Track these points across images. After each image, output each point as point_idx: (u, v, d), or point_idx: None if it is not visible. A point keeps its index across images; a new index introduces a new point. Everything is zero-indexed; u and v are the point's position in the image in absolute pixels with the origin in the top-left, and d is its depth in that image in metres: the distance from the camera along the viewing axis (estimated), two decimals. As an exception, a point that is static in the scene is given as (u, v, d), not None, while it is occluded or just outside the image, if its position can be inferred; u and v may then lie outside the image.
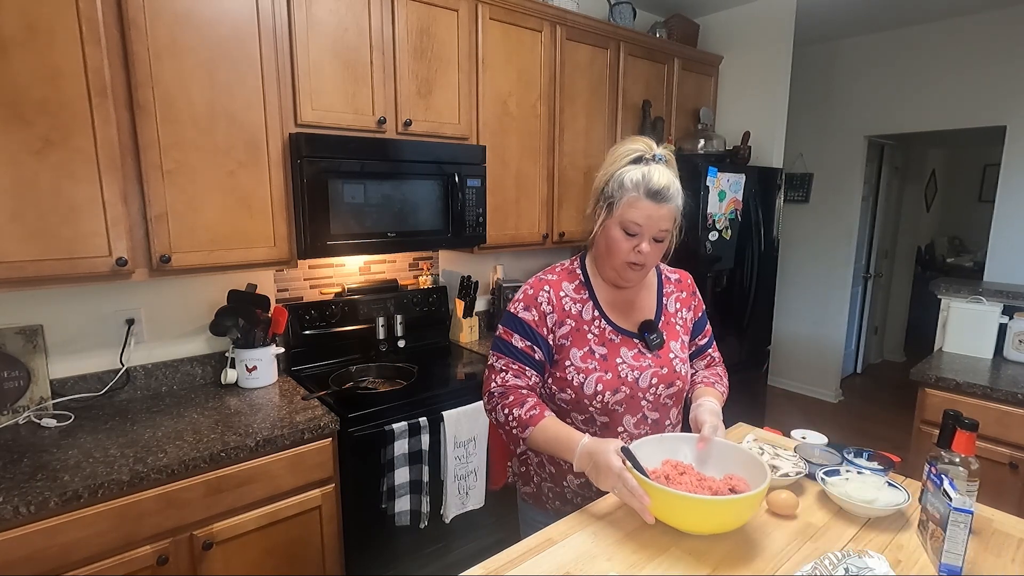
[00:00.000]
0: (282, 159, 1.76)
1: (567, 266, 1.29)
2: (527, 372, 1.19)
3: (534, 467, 1.31)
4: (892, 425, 3.92)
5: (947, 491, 0.93)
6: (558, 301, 1.21)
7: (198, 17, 1.56)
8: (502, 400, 1.18)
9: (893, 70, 3.85)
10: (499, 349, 1.22)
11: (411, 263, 2.51)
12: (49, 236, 1.40)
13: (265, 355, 1.92)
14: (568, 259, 1.32)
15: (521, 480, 1.36)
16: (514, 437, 1.17)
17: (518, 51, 2.31)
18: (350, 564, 1.77)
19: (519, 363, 1.19)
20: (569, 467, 1.21)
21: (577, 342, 1.20)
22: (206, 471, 1.46)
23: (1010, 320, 2.38)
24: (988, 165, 5.90)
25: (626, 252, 1.16)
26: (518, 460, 1.36)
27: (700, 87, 3.24)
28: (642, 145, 1.18)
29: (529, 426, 1.13)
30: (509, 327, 1.21)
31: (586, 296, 1.24)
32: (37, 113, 1.35)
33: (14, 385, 1.63)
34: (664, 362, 1.24)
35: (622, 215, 1.14)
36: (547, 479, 1.29)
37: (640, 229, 1.14)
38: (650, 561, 0.96)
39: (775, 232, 3.14)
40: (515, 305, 1.23)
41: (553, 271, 1.28)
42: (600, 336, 1.21)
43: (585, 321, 1.22)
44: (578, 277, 1.26)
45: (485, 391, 1.22)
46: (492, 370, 1.22)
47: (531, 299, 1.21)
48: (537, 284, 1.24)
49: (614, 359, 1.20)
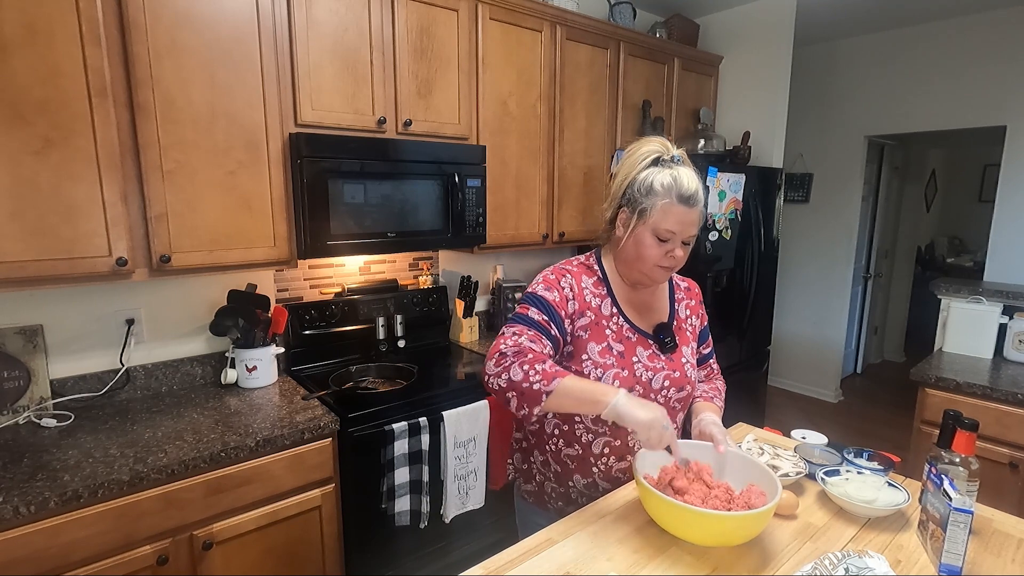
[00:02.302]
0: (282, 159, 1.76)
1: (583, 261, 1.27)
2: (543, 340, 1.12)
3: (538, 465, 1.29)
4: (892, 425, 3.92)
5: (947, 491, 0.93)
6: (580, 291, 1.19)
7: (198, 17, 1.56)
8: (518, 358, 1.06)
9: (893, 70, 3.85)
10: (512, 320, 1.15)
11: (411, 263, 2.51)
12: (49, 236, 1.40)
13: (265, 355, 1.92)
14: (580, 255, 1.30)
15: (522, 477, 1.34)
16: (533, 394, 1.03)
17: (518, 51, 2.31)
18: (350, 564, 1.77)
19: (535, 330, 1.12)
20: (576, 466, 1.22)
21: (595, 336, 1.18)
22: (206, 471, 1.45)
23: (1010, 320, 2.38)
24: (988, 165, 5.90)
25: (658, 257, 1.15)
26: (520, 455, 1.35)
27: (700, 87, 3.24)
28: (659, 146, 1.17)
29: (557, 377, 1.03)
30: (527, 303, 1.17)
31: (604, 292, 1.22)
32: (37, 113, 1.35)
33: (14, 385, 1.63)
34: (676, 366, 1.24)
35: (656, 223, 1.13)
36: (551, 478, 1.27)
37: (673, 236, 1.14)
38: (650, 561, 0.96)
39: (775, 232, 3.14)
40: (535, 286, 1.19)
41: (571, 264, 1.25)
42: (618, 333, 1.20)
43: (604, 316, 1.20)
44: (596, 273, 1.24)
45: (493, 353, 1.09)
46: (502, 336, 1.12)
47: (553, 282, 1.18)
48: (558, 271, 1.21)
49: (631, 357, 1.19)
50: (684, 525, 0.97)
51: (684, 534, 0.98)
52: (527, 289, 1.21)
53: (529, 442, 1.31)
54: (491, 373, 1.08)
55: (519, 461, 1.35)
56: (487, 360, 1.10)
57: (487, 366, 1.09)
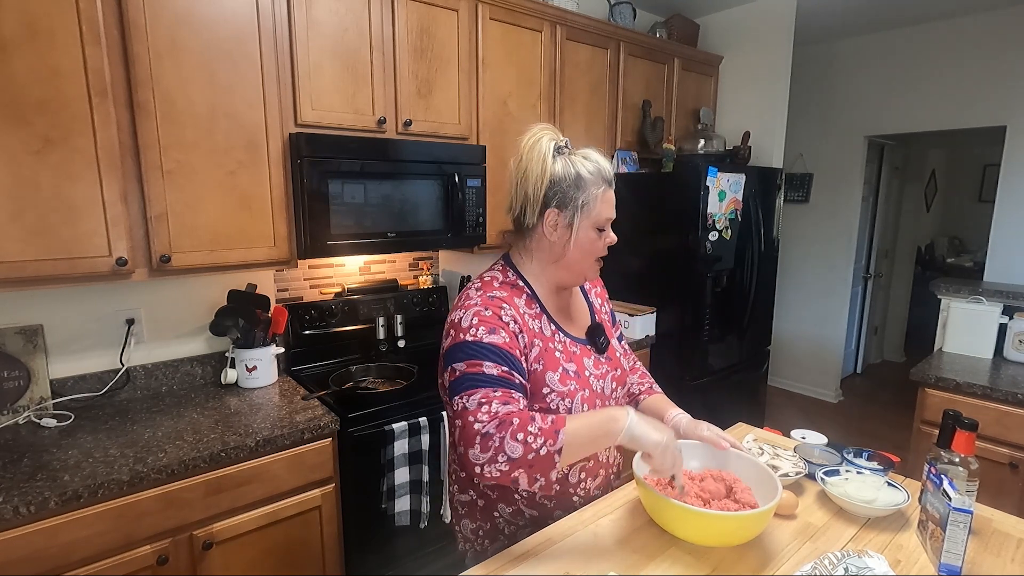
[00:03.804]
0: (282, 159, 1.76)
1: (505, 280, 1.09)
2: (513, 395, 0.94)
3: (505, 518, 1.12)
4: (892, 425, 3.92)
5: (947, 491, 0.93)
6: (522, 320, 1.03)
7: (198, 17, 1.56)
8: (506, 431, 0.89)
9: (893, 70, 3.85)
10: (466, 386, 0.94)
11: (411, 263, 2.51)
12: (49, 236, 1.41)
13: (265, 355, 1.92)
14: (493, 270, 1.13)
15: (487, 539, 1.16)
16: (543, 460, 0.88)
17: (518, 51, 2.31)
18: (350, 564, 1.77)
19: (501, 388, 0.94)
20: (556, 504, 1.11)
21: (549, 364, 1.04)
22: (206, 471, 1.45)
23: (1010, 320, 2.38)
24: (988, 165, 5.90)
25: (599, 250, 1.09)
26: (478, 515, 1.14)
27: (700, 87, 3.24)
28: (552, 132, 1.06)
29: (558, 430, 0.89)
30: (475, 356, 0.95)
31: (538, 310, 1.09)
32: (37, 113, 1.35)
33: (14, 385, 1.63)
34: (615, 363, 1.19)
35: (598, 214, 1.05)
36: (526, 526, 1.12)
37: (610, 222, 1.08)
38: (650, 561, 0.96)
39: (775, 232, 3.14)
40: (472, 332, 0.97)
41: (491, 287, 1.06)
42: (564, 351, 1.09)
43: (547, 338, 1.07)
44: (524, 290, 1.09)
45: (471, 438, 0.89)
46: (467, 411, 0.92)
47: (493, 320, 0.99)
48: (491, 303, 1.01)
49: (583, 372, 1.09)
50: (685, 525, 0.97)
51: (685, 534, 0.98)
52: (461, 337, 0.98)
53: (488, 499, 1.12)
54: (482, 462, 0.89)
55: (472, 527, 1.15)
56: (466, 449, 0.90)
57: (470, 455, 0.89)
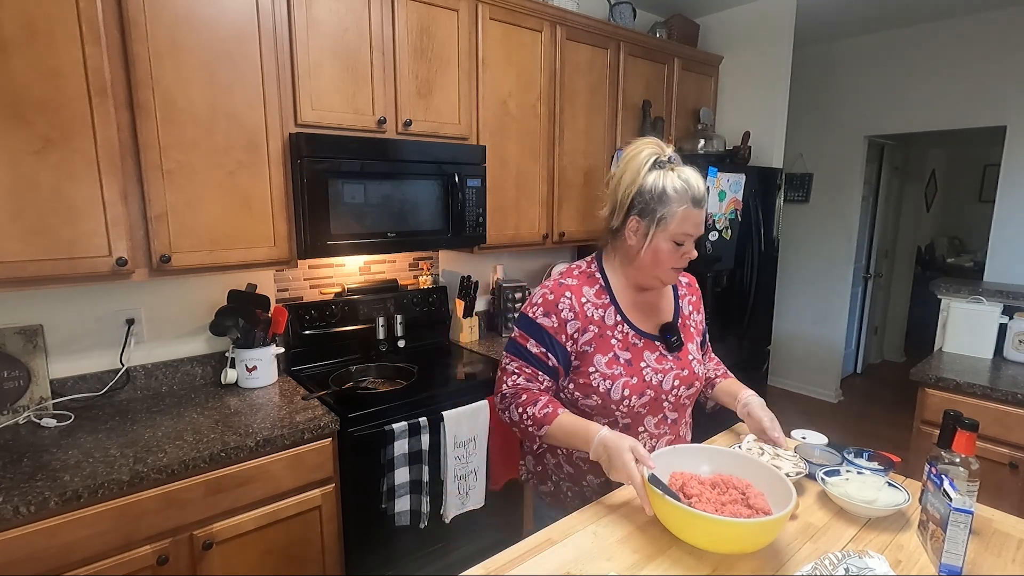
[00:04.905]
0: (282, 159, 1.76)
1: (584, 269, 1.27)
2: (539, 377, 1.19)
3: (551, 468, 1.31)
4: (892, 425, 3.92)
5: (947, 491, 0.93)
6: (580, 308, 1.19)
7: (198, 17, 1.56)
8: (515, 400, 1.19)
9: (893, 70, 3.85)
10: (513, 351, 1.21)
11: (411, 263, 2.51)
12: (49, 236, 1.40)
13: (265, 355, 1.92)
14: (583, 260, 1.30)
15: (537, 479, 1.36)
16: (531, 435, 1.17)
17: (518, 51, 2.31)
18: (350, 564, 1.77)
19: (532, 367, 1.19)
20: (589, 467, 1.23)
21: (601, 348, 1.19)
22: (206, 471, 1.45)
23: (1010, 320, 2.38)
24: (988, 165, 5.90)
25: (674, 260, 1.17)
26: (533, 458, 1.36)
27: (700, 87, 3.24)
28: (655, 147, 1.17)
29: (544, 424, 1.14)
30: (525, 331, 1.20)
31: (607, 301, 1.22)
32: (37, 113, 1.35)
33: (14, 385, 1.63)
34: (684, 364, 1.26)
35: (675, 230, 1.14)
36: (565, 479, 1.29)
37: (689, 238, 1.16)
38: (650, 561, 0.96)
39: (775, 232, 3.14)
40: (533, 309, 1.20)
41: (571, 275, 1.25)
42: (623, 341, 1.21)
43: (608, 327, 1.20)
44: (598, 281, 1.24)
45: (497, 391, 1.23)
46: (504, 371, 1.22)
47: (551, 305, 1.18)
48: (557, 289, 1.20)
49: (638, 363, 1.20)
50: (697, 532, 0.94)
51: (698, 541, 0.96)
52: (527, 309, 1.21)
53: (543, 445, 1.31)
54: (499, 408, 1.24)
55: (532, 464, 1.36)
56: (494, 392, 1.24)
57: (495, 397, 1.24)
